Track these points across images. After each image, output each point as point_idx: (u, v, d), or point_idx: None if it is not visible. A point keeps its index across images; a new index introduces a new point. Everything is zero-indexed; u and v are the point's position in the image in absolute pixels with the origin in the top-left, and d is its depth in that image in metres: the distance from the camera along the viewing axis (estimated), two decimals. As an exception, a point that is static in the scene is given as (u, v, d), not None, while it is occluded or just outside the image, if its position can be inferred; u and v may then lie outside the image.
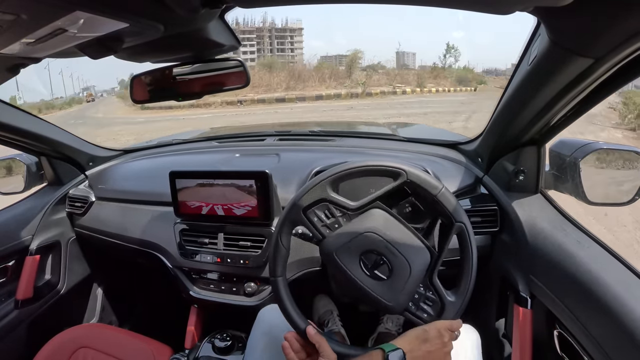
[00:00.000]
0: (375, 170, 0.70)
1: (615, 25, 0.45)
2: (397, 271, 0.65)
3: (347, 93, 14.67)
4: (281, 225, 0.68)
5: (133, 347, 1.00)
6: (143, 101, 0.81)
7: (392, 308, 0.65)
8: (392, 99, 14.56)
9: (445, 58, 26.89)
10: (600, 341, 0.60)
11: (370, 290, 0.65)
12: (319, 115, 10.62)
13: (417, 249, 0.68)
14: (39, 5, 0.39)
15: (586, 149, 0.76)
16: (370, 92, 15.05)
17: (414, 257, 0.67)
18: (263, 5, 0.50)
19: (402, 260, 0.66)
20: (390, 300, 0.65)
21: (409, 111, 10.55)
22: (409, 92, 16.59)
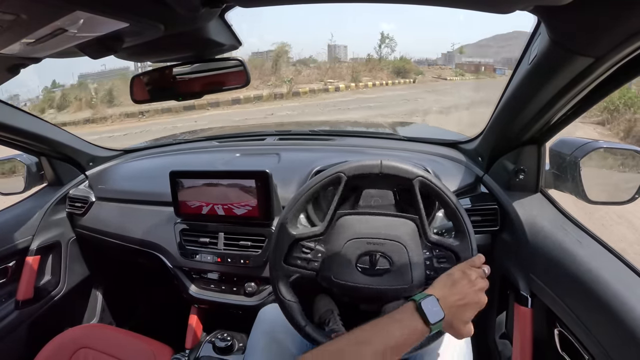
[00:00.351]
0: (317, 189, 0.71)
1: (615, 24, 0.45)
2: (395, 255, 0.66)
3: (270, 94, 11.95)
4: (276, 286, 0.70)
5: (133, 347, 1.00)
6: (143, 101, 0.81)
7: (413, 287, 0.65)
8: (323, 97, 12.30)
9: (381, 49, 24.13)
10: (601, 340, 0.60)
11: (384, 287, 0.66)
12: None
13: (397, 225, 0.69)
14: (39, 5, 0.39)
15: (586, 148, 0.76)
16: (297, 92, 12.55)
17: (399, 233, 0.68)
18: (263, 5, 0.50)
19: (391, 243, 0.67)
20: (407, 282, 0.65)
21: (345, 116, 8.74)
22: (342, 88, 14.28)
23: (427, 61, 34.61)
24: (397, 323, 0.51)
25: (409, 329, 0.51)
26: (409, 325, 0.51)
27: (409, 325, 0.51)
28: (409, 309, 0.53)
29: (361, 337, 0.48)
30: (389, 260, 0.66)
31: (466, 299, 0.57)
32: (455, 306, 0.56)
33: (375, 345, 0.46)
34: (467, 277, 0.59)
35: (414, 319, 0.52)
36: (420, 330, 0.52)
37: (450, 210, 0.68)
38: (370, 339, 0.47)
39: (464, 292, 0.57)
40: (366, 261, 0.67)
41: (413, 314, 0.52)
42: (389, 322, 0.51)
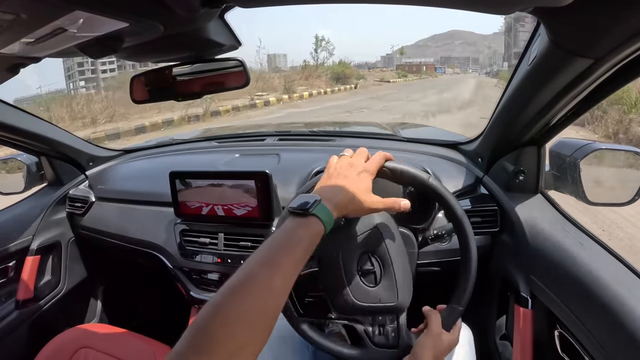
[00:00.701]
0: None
1: (615, 25, 0.45)
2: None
3: (183, 117, 9.47)
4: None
5: (134, 347, 1.00)
6: (143, 101, 0.81)
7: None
8: (249, 115, 10.41)
9: (317, 53, 22.63)
10: (601, 341, 0.60)
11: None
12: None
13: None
14: (39, 4, 0.39)
15: (586, 149, 0.76)
16: (217, 111, 10.32)
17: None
18: (263, 5, 0.50)
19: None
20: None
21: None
22: (273, 101, 12.46)
23: (367, 65, 35.71)
24: (297, 240, 0.48)
25: (309, 239, 0.49)
26: (309, 236, 0.49)
27: (309, 235, 0.49)
28: (300, 220, 0.50)
29: (270, 259, 0.45)
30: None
31: (348, 178, 0.57)
32: (338, 187, 0.56)
33: (284, 267, 0.44)
34: (340, 167, 0.60)
35: (310, 226, 0.50)
36: (318, 232, 0.50)
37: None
38: (280, 261, 0.44)
39: (342, 175, 0.58)
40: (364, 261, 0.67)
41: (311, 226, 0.50)
42: (289, 239, 0.48)
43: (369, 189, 0.59)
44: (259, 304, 0.40)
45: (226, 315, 0.38)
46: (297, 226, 0.49)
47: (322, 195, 0.53)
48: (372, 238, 0.67)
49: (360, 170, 0.59)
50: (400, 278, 0.66)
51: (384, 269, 0.66)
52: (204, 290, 1.10)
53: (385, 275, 0.66)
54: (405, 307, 0.67)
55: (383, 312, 0.67)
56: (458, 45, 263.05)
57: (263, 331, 0.40)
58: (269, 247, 0.46)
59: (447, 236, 0.87)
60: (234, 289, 0.40)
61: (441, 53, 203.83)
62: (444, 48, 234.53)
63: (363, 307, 0.66)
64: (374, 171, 0.61)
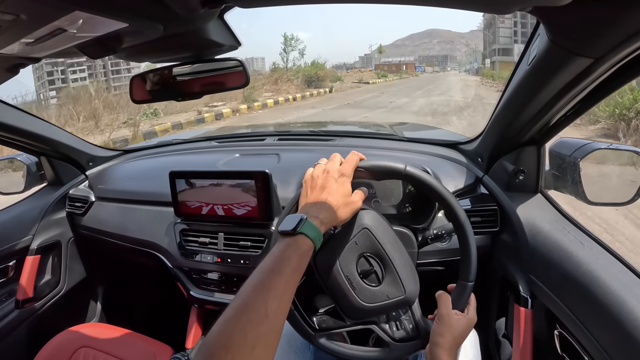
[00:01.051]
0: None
1: (615, 25, 0.45)
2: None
3: (111, 140, 7.53)
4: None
5: (134, 346, 1.00)
6: (143, 101, 0.81)
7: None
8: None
9: (287, 53, 20.49)
10: (601, 341, 0.60)
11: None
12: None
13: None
14: (39, 5, 0.39)
15: (586, 148, 0.76)
16: (153, 131, 8.42)
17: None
18: (263, 5, 0.50)
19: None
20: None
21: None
22: (227, 113, 10.67)
23: (345, 65, 35.03)
24: (286, 260, 0.51)
25: (297, 257, 0.52)
26: (298, 255, 0.52)
27: (298, 254, 0.52)
28: (289, 240, 0.53)
29: (262, 284, 0.49)
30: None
31: (327, 189, 0.59)
32: (321, 202, 0.58)
33: (277, 289, 0.47)
34: (317, 177, 0.62)
35: (298, 244, 0.53)
36: (306, 249, 0.53)
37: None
38: (271, 284, 0.48)
39: (321, 187, 0.60)
40: (365, 265, 0.67)
41: (299, 245, 0.53)
42: (278, 261, 0.51)
43: (349, 192, 0.61)
44: (257, 330, 0.43)
45: (228, 342, 0.41)
46: (285, 247, 0.52)
47: (308, 213, 0.56)
48: (365, 239, 0.67)
49: (337, 176, 0.61)
50: (402, 271, 0.66)
51: (383, 266, 0.67)
52: (204, 290, 1.10)
53: (387, 272, 0.66)
54: (415, 296, 0.67)
55: (394, 307, 0.67)
56: (436, 44, 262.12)
57: (266, 353, 0.43)
58: (261, 271, 0.49)
59: (446, 236, 0.87)
60: (233, 318, 0.44)
61: (419, 52, 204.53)
62: (422, 47, 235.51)
63: (373, 308, 0.66)
64: (350, 173, 0.63)
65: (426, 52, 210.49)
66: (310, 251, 0.53)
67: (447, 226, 0.86)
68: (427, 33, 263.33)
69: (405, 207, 1.00)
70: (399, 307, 0.67)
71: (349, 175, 0.62)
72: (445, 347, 0.61)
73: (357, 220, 0.68)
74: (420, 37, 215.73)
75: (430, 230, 0.90)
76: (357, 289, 0.65)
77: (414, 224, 0.95)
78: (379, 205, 1.00)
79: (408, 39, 69.29)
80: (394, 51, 50.05)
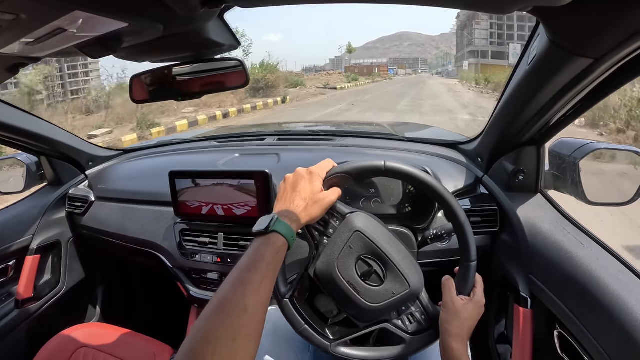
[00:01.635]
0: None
1: (614, 25, 0.45)
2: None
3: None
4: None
5: (134, 346, 1.00)
6: (143, 101, 0.81)
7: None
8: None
9: (229, 54, 17.20)
10: (601, 341, 0.60)
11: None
12: None
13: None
14: (38, 5, 0.39)
15: (586, 149, 0.76)
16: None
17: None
18: (263, 5, 0.50)
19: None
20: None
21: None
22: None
23: (315, 68, 32.67)
24: (260, 257, 0.53)
25: (271, 254, 0.54)
26: (272, 251, 0.54)
27: (271, 250, 0.54)
28: (262, 239, 0.56)
29: (239, 279, 0.50)
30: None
31: (297, 189, 0.63)
32: (291, 201, 0.62)
33: (253, 284, 0.49)
34: (288, 183, 0.65)
35: (271, 242, 0.55)
36: (280, 246, 0.56)
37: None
38: (248, 279, 0.50)
39: (291, 189, 0.63)
40: (363, 268, 0.67)
41: (273, 241, 0.56)
42: (253, 258, 0.54)
43: (319, 189, 0.64)
44: (235, 322, 0.44)
45: (209, 336, 0.42)
46: (259, 245, 0.55)
47: (280, 213, 0.60)
48: (359, 242, 0.67)
49: (306, 176, 0.64)
50: (402, 265, 0.66)
51: (382, 264, 0.66)
52: (203, 290, 1.10)
53: (387, 269, 0.66)
54: (420, 287, 0.67)
55: (402, 302, 0.66)
56: (406, 47, 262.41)
57: (247, 344, 0.44)
58: (238, 269, 0.51)
59: (446, 236, 0.87)
60: (212, 313, 0.45)
61: (390, 54, 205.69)
62: (393, 50, 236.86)
63: (381, 307, 0.65)
64: (320, 172, 0.66)
65: (397, 55, 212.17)
66: (284, 247, 0.56)
67: (447, 226, 0.86)
68: (397, 36, 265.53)
69: (405, 207, 1.00)
70: (407, 301, 0.67)
71: (319, 174, 0.65)
72: (454, 334, 0.60)
73: (347, 225, 0.67)
74: (391, 40, 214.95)
75: (430, 230, 0.90)
76: (361, 292, 0.65)
77: (414, 224, 0.95)
78: (379, 205, 1.00)
79: (379, 42, 69.78)
80: (365, 53, 50.32)
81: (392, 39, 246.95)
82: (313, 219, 0.63)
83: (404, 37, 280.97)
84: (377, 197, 1.00)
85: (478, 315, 0.65)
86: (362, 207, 1.01)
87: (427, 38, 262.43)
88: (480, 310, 0.65)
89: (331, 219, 0.69)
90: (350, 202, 1.01)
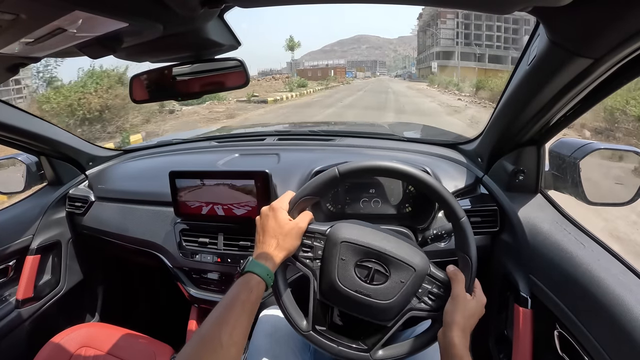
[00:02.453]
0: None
1: (614, 25, 0.45)
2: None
3: None
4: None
5: (134, 346, 1.00)
6: (142, 101, 0.81)
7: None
8: None
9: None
10: (600, 341, 0.60)
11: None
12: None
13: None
14: (38, 4, 0.39)
15: (586, 149, 0.75)
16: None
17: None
18: (263, 5, 0.50)
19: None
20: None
21: None
22: None
23: (271, 71, 30.06)
24: (235, 297, 0.58)
25: (245, 293, 0.58)
26: (246, 290, 0.58)
27: (245, 289, 0.58)
28: (239, 280, 0.60)
29: (216, 318, 0.55)
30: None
31: (266, 229, 0.65)
32: (263, 242, 0.65)
33: (229, 323, 0.54)
34: (258, 226, 0.67)
35: (247, 282, 0.59)
36: (255, 285, 0.59)
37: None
38: (224, 318, 0.55)
39: (262, 230, 0.66)
40: (364, 272, 0.67)
41: (247, 281, 0.59)
42: (230, 298, 0.58)
43: (285, 221, 0.66)
44: (212, 357, 0.50)
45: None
46: (236, 285, 0.59)
47: (256, 255, 0.64)
48: (348, 251, 0.67)
49: (270, 213, 0.67)
50: (398, 252, 0.66)
51: (380, 260, 0.66)
52: (204, 290, 1.10)
53: (387, 263, 0.66)
54: (426, 264, 0.67)
55: (414, 285, 0.66)
56: (365, 50, 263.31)
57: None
58: (217, 307, 0.57)
59: (447, 236, 0.87)
60: (192, 347, 0.52)
61: (348, 57, 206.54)
62: (351, 52, 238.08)
63: (397, 300, 0.65)
64: (282, 204, 0.67)
65: (355, 57, 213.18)
66: (258, 285, 0.59)
67: (447, 226, 0.86)
68: (355, 39, 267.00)
69: (405, 207, 1.00)
70: (419, 282, 0.66)
71: (281, 206, 0.67)
72: (460, 326, 0.60)
73: (331, 240, 0.68)
74: (349, 43, 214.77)
75: (430, 230, 0.90)
76: (371, 294, 0.65)
77: (414, 224, 0.95)
78: (379, 205, 1.00)
79: (337, 45, 69.79)
80: (323, 56, 49.72)
81: (351, 42, 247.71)
82: (291, 250, 0.65)
83: (362, 40, 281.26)
84: (377, 198, 1.00)
85: (479, 315, 0.65)
86: (362, 208, 1.01)
87: (385, 41, 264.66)
88: (482, 310, 0.65)
89: (314, 242, 0.69)
90: (351, 203, 1.01)
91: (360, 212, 1.01)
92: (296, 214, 0.68)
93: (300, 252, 0.68)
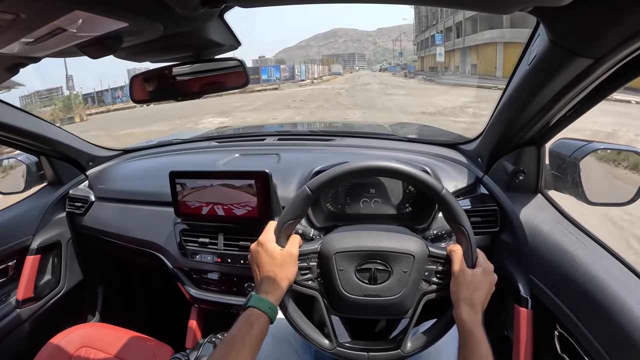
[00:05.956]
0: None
1: (615, 25, 0.45)
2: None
3: None
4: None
5: (134, 346, 1.00)
6: (142, 101, 0.81)
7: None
8: None
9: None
10: (600, 342, 0.60)
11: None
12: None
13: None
14: (38, 4, 0.39)
15: (586, 149, 0.75)
16: None
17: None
18: (263, 5, 0.50)
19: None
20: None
21: None
22: None
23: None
24: (237, 333, 0.60)
25: (246, 327, 0.60)
26: (247, 325, 0.60)
27: (246, 324, 0.60)
28: (242, 315, 0.62)
29: (228, 339, 0.58)
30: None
31: (260, 263, 0.66)
32: (260, 277, 0.66)
33: (235, 345, 0.57)
34: (251, 260, 0.68)
35: (249, 317, 0.61)
36: (255, 318, 0.61)
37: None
38: (233, 342, 0.58)
39: (256, 265, 0.67)
40: (366, 275, 0.67)
41: (248, 316, 0.61)
42: (232, 335, 0.60)
43: (276, 253, 0.66)
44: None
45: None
46: (237, 322, 0.61)
47: (257, 291, 0.65)
48: (343, 261, 0.67)
49: (259, 249, 0.67)
50: (392, 245, 0.66)
51: (378, 259, 0.66)
52: (204, 290, 1.10)
53: (385, 259, 0.66)
54: (423, 247, 0.67)
55: (419, 271, 0.66)
56: (342, 43, 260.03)
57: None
58: (220, 344, 0.60)
59: (447, 236, 0.87)
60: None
61: (324, 51, 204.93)
62: (328, 47, 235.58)
63: (406, 291, 0.65)
64: (268, 236, 0.68)
65: (332, 51, 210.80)
66: (259, 319, 0.61)
67: (447, 226, 0.86)
68: (332, 32, 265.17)
69: (405, 207, 1.00)
70: (422, 265, 0.66)
71: (268, 237, 0.67)
72: (465, 303, 0.60)
73: (324, 256, 0.68)
74: (325, 37, 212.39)
75: (430, 230, 0.90)
76: (380, 294, 0.66)
77: (414, 224, 0.95)
78: (379, 205, 1.00)
79: (313, 40, 68.95)
80: (299, 52, 48.78)
81: (327, 36, 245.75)
82: (291, 279, 0.66)
83: (339, 34, 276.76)
84: (377, 198, 1.00)
85: (491, 283, 0.64)
86: (362, 208, 1.01)
87: (364, 33, 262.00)
88: (492, 276, 0.64)
89: (310, 262, 0.69)
90: (351, 203, 1.01)
91: (360, 212, 1.01)
92: (285, 242, 0.68)
93: (299, 276, 0.68)
